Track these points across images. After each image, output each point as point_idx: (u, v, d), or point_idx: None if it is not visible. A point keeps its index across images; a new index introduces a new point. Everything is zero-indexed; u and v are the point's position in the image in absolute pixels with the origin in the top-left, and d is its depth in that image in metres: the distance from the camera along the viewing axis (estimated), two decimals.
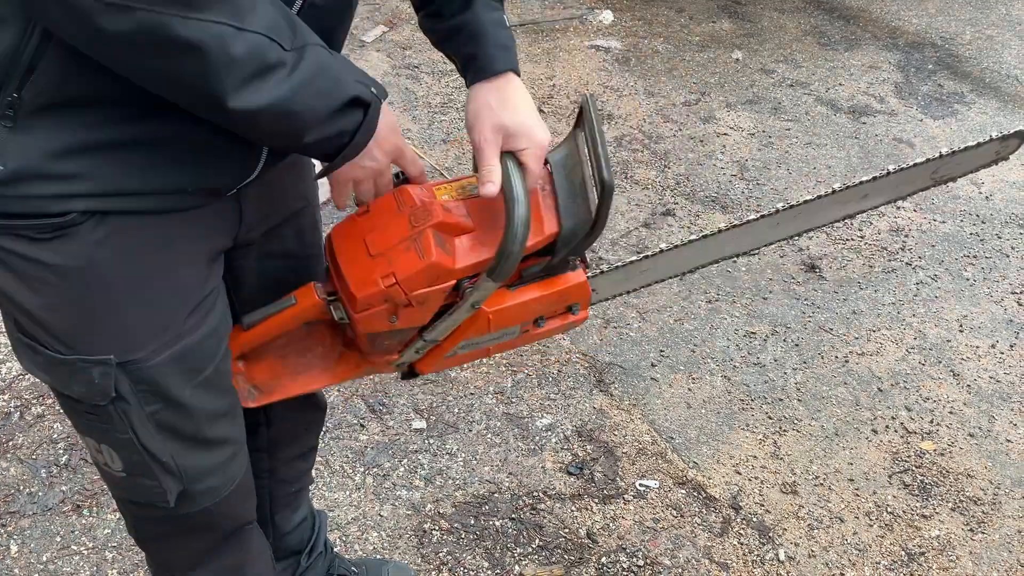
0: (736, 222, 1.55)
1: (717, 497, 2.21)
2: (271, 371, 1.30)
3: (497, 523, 2.10)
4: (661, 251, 1.54)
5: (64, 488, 2.08)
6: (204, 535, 1.35)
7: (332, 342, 1.34)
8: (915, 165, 1.59)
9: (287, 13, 0.98)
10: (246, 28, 0.91)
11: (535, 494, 2.18)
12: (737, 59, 4.59)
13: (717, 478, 2.27)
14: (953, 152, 1.59)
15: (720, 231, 1.55)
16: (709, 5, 5.22)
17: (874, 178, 1.58)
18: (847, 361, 2.68)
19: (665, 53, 4.60)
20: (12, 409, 2.27)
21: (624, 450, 2.32)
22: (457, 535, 2.07)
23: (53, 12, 0.87)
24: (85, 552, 1.95)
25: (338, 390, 2.41)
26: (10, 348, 2.42)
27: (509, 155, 1.20)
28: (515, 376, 2.52)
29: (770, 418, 2.46)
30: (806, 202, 1.57)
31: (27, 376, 2.35)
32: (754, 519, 2.16)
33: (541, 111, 3.91)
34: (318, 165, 1.20)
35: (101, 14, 0.84)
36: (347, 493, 2.14)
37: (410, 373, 1.37)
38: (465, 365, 2.52)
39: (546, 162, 1.25)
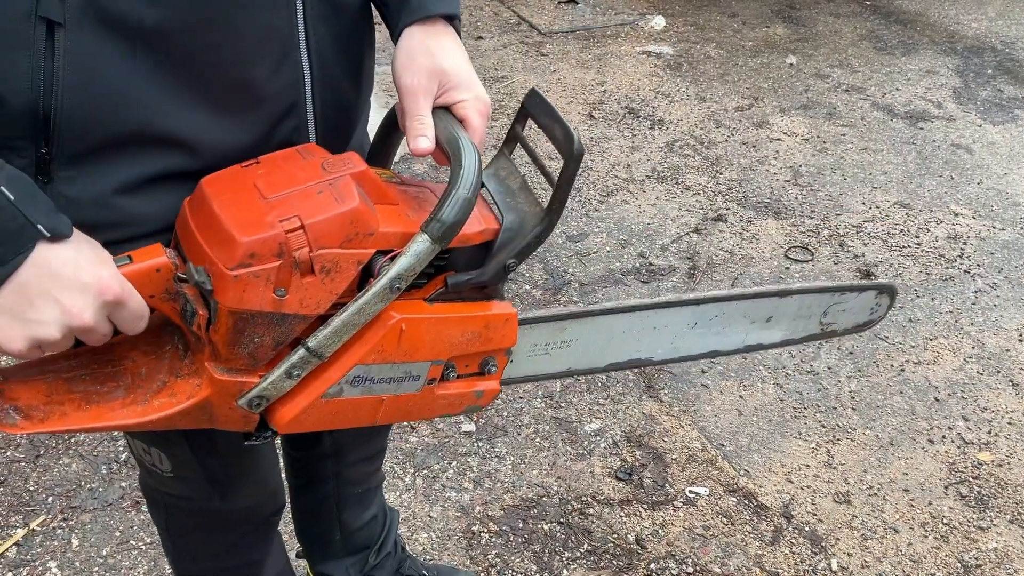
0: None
1: (768, 505, 2.19)
2: (47, 394, 0.94)
3: (545, 527, 2.10)
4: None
5: (124, 484, 2.13)
6: (236, 528, 1.40)
7: (152, 368, 0.97)
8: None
9: None
10: None
11: (584, 499, 2.18)
12: (791, 64, 4.55)
13: (769, 486, 2.24)
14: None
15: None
16: (763, 10, 5.18)
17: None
18: (903, 370, 2.63)
19: (718, 58, 4.57)
20: None
21: (674, 456, 2.31)
22: (506, 538, 2.07)
23: None
24: (143, 547, 2.00)
25: None
26: None
27: (444, 110, 1.02)
28: (564, 381, 2.52)
29: (823, 427, 2.43)
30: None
31: None
32: (806, 528, 2.14)
33: (591, 117, 3.91)
34: None
35: None
36: (397, 494, 2.16)
37: (263, 428, 1.01)
38: None
39: None
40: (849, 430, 2.42)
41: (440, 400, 1.08)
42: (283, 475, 1.55)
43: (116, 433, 2.26)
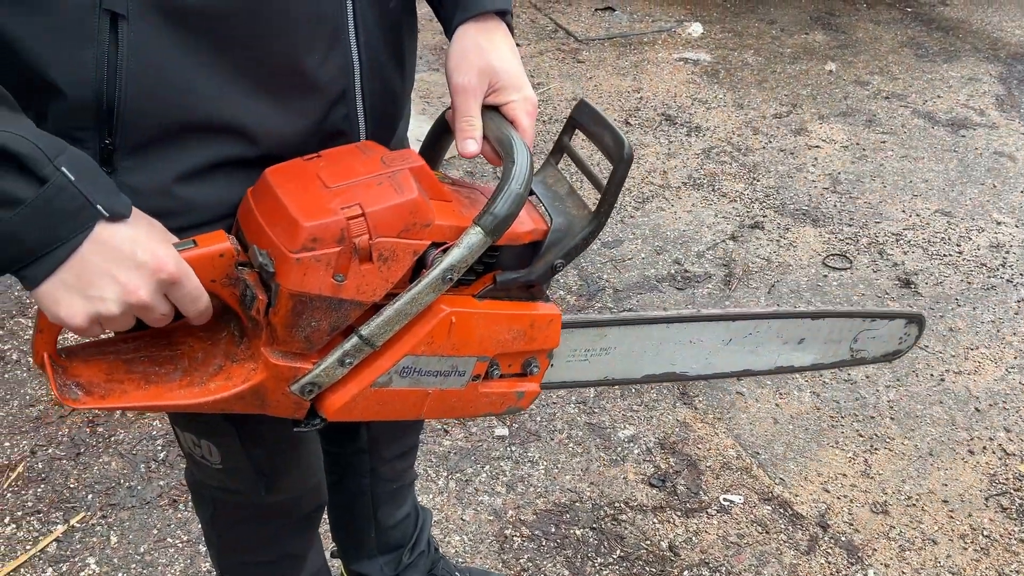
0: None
1: (804, 514, 2.17)
2: (108, 373, 0.98)
3: (578, 532, 2.10)
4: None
5: (161, 483, 2.16)
6: (280, 522, 1.42)
7: (208, 352, 1.01)
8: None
9: None
10: None
11: (616, 504, 2.17)
12: (830, 71, 4.51)
13: (804, 495, 2.22)
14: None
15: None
16: (802, 17, 5.14)
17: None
18: (943, 379, 2.59)
19: (756, 65, 4.54)
20: None
21: (708, 464, 2.29)
22: (538, 542, 2.07)
23: None
24: (180, 545, 2.02)
25: None
26: None
27: (494, 111, 1.05)
28: (597, 386, 2.52)
29: (861, 436, 2.40)
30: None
31: None
32: (842, 538, 2.11)
33: (628, 124, 3.90)
34: None
35: None
36: (430, 496, 2.17)
37: (311, 416, 1.03)
38: None
39: None
40: (887, 440, 2.39)
41: (483, 398, 1.10)
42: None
43: (154, 432, 2.29)
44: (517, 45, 1.10)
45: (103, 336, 0.95)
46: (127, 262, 0.84)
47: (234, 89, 0.94)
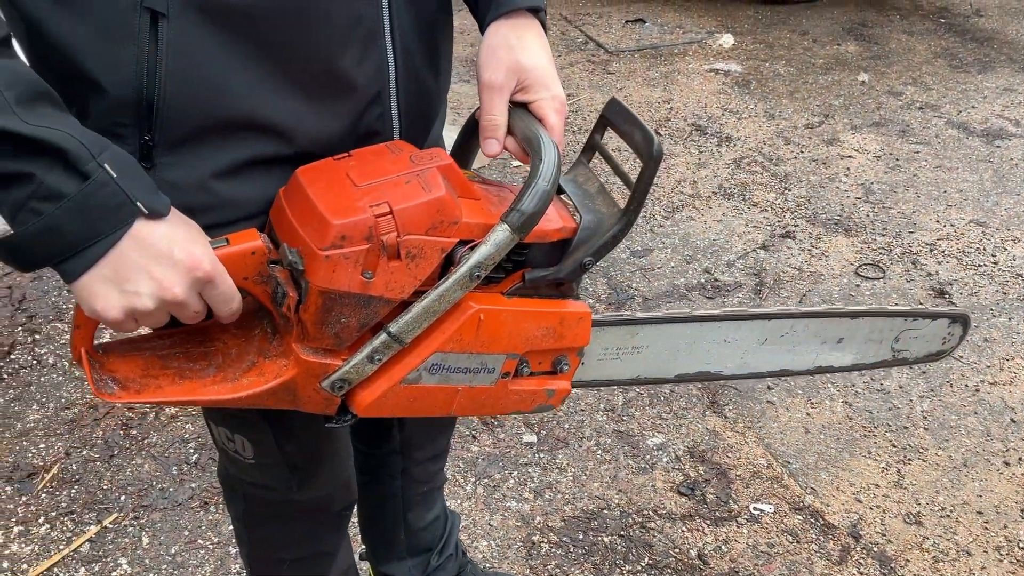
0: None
1: (836, 524, 2.14)
2: (144, 368, 1.00)
3: (606, 539, 2.09)
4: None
5: (193, 485, 2.18)
6: (311, 519, 1.42)
7: (241, 349, 1.02)
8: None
9: None
10: None
11: (645, 512, 2.16)
12: (863, 81, 4.48)
13: (836, 505, 2.19)
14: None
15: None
16: (834, 28, 5.12)
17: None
18: (978, 390, 2.56)
19: (787, 76, 4.53)
20: (148, 409, 2.40)
21: (738, 472, 2.28)
22: (566, 549, 2.06)
23: None
24: (210, 547, 2.04)
25: None
26: None
27: (523, 108, 1.05)
28: (626, 394, 2.51)
29: (894, 446, 2.37)
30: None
31: None
32: (875, 549, 2.08)
33: (657, 133, 3.90)
34: None
35: None
36: (458, 502, 2.17)
37: (342, 412, 1.04)
38: None
39: None
40: (921, 450, 2.36)
41: (513, 395, 1.10)
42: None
43: (186, 436, 2.31)
44: None
45: (138, 333, 0.96)
46: (164, 259, 0.85)
47: (271, 88, 0.96)
